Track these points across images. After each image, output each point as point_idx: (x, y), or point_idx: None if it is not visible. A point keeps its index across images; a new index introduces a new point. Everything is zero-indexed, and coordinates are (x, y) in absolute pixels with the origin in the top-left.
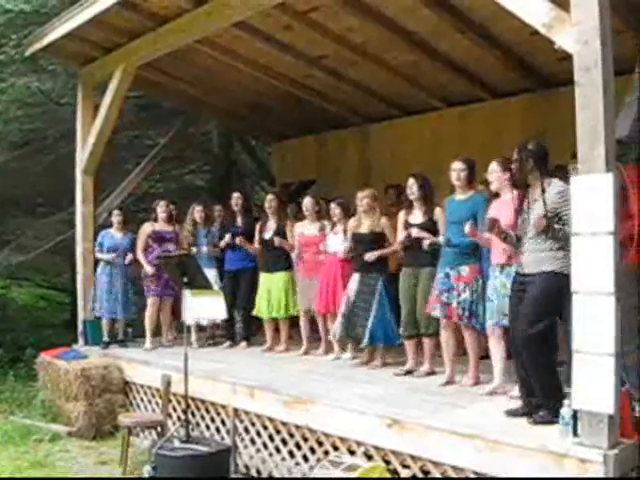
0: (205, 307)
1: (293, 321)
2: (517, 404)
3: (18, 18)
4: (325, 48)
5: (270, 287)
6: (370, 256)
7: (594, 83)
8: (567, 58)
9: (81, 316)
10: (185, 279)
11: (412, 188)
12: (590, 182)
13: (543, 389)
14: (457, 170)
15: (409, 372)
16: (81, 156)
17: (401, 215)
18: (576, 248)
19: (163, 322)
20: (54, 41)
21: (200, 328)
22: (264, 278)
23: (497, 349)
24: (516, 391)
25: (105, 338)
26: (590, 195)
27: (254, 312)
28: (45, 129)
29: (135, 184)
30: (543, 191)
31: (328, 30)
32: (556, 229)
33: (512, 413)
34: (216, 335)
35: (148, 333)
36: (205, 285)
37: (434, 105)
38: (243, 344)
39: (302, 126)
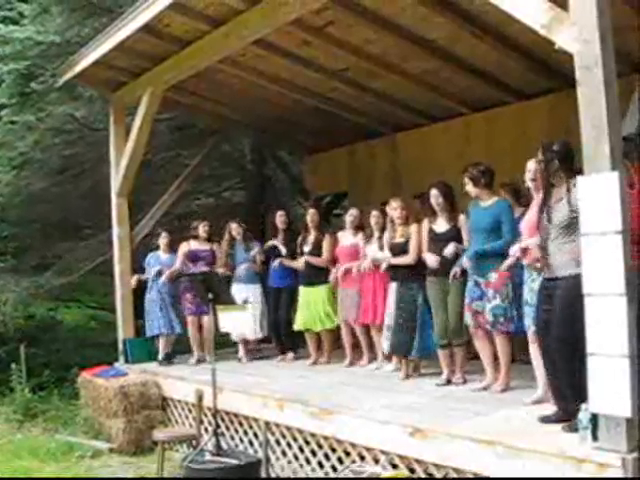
0: (232, 323)
1: (337, 333)
2: (551, 410)
3: (50, 50)
4: (345, 61)
5: (310, 300)
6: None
7: (596, 82)
8: None
9: (121, 335)
10: (210, 295)
11: (437, 199)
12: (596, 181)
13: (576, 393)
14: (465, 183)
15: (449, 381)
16: (115, 179)
17: (425, 224)
18: (585, 249)
19: (206, 338)
20: (84, 69)
21: (246, 342)
22: (304, 292)
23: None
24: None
25: (161, 355)
26: (597, 195)
27: (296, 326)
28: (83, 154)
29: (169, 204)
30: (568, 190)
31: (346, 43)
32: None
33: (546, 420)
34: (261, 349)
35: (194, 350)
36: (229, 301)
37: (460, 111)
38: (289, 357)
39: (332, 139)
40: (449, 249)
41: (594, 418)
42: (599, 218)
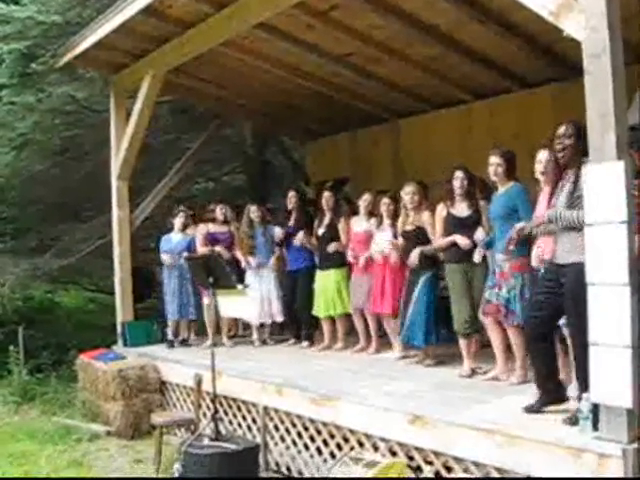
0: (233, 307)
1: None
2: (534, 398)
3: (51, 30)
4: (349, 46)
5: (324, 285)
6: (413, 259)
7: (603, 70)
8: None
9: (120, 318)
10: (210, 279)
11: (462, 182)
12: (601, 170)
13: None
14: (494, 165)
15: (474, 371)
16: (115, 162)
17: (439, 208)
18: (590, 238)
19: (222, 322)
20: (85, 50)
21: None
22: (319, 276)
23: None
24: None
25: (170, 337)
26: (602, 184)
27: (314, 312)
28: (83, 136)
29: (170, 187)
30: (578, 171)
31: (350, 28)
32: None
33: (529, 409)
34: (275, 333)
35: (209, 333)
36: (230, 285)
37: (463, 98)
38: (305, 344)
39: (335, 124)
40: (480, 233)
41: (595, 408)
42: (604, 207)
